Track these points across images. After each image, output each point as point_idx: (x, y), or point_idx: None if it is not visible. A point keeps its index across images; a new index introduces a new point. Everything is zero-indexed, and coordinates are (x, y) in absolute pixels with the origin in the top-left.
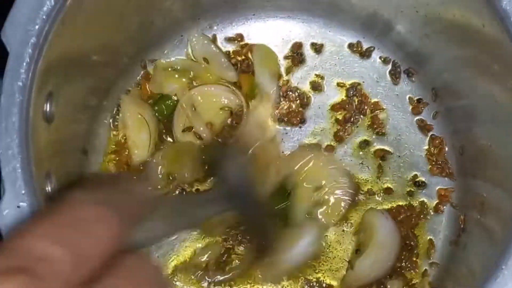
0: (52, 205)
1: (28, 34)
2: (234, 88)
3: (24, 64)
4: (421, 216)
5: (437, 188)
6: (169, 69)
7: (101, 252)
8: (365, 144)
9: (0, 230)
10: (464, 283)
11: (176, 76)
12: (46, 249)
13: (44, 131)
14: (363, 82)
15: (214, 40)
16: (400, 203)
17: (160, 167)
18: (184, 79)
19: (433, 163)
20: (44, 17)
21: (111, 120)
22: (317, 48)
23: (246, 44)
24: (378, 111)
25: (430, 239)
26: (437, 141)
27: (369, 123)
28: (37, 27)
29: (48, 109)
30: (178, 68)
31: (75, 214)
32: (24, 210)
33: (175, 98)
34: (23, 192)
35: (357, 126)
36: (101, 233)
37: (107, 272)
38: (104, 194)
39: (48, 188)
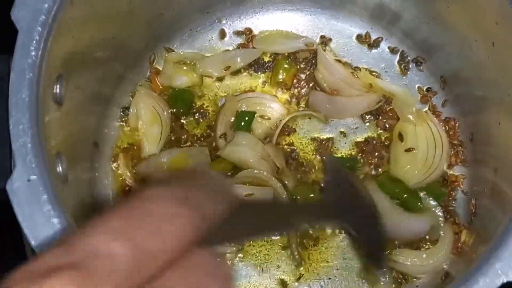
0: (124, 199)
1: (38, 12)
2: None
3: (34, 42)
4: None
5: (448, 174)
6: (179, 62)
7: (171, 250)
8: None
9: (12, 203)
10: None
11: (185, 69)
12: (105, 244)
13: (55, 113)
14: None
15: (222, 35)
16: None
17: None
18: (195, 75)
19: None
20: None
21: (121, 113)
22: (325, 40)
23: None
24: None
25: None
26: (451, 123)
27: None
28: (46, 5)
29: (58, 91)
30: (188, 61)
31: (147, 209)
32: (35, 183)
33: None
34: (33, 166)
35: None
36: (174, 230)
37: (169, 269)
38: (183, 189)
39: (59, 169)
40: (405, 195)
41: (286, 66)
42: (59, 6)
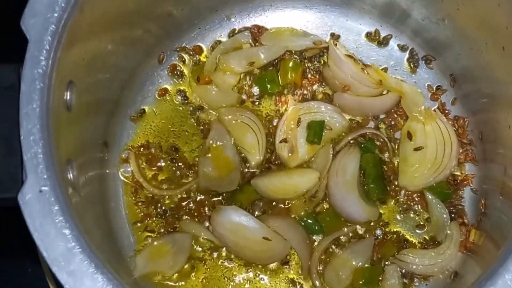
0: None
1: (47, 22)
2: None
3: (44, 51)
4: None
5: (457, 173)
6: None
7: None
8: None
9: (24, 215)
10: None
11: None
12: None
13: (66, 119)
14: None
15: (231, 32)
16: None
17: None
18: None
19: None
20: (62, 5)
21: (132, 112)
22: (335, 38)
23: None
24: None
25: None
26: (460, 122)
27: None
28: (56, 15)
29: (69, 98)
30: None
31: None
32: (46, 194)
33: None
34: (45, 176)
35: None
36: None
37: None
38: None
39: (70, 175)
40: (372, 185)
41: (291, 65)
42: (69, 15)
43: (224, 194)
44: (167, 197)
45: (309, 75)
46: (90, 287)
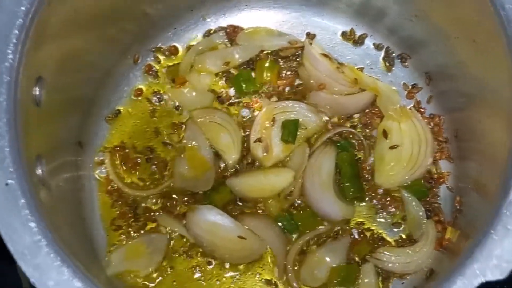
0: None
1: (15, 16)
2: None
3: (11, 45)
4: None
5: (433, 171)
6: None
7: None
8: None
9: None
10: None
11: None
12: None
13: (35, 115)
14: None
15: (207, 32)
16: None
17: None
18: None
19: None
20: None
21: (107, 113)
22: (310, 37)
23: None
24: None
25: None
26: (436, 120)
27: None
28: (23, 8)
29: (38, 93)
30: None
31: None
32: (12, 188)
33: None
34: (11, 170)
35: None
36: None
37: None
38: None
39: (39, 171)
40: (347, 183)
41: (267, 65)
42: (37, 8)
43: (200, 194)
44: (142, 197)
45: (285, 75)
46: (56, 280)
